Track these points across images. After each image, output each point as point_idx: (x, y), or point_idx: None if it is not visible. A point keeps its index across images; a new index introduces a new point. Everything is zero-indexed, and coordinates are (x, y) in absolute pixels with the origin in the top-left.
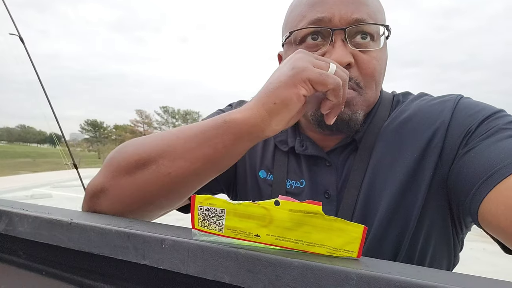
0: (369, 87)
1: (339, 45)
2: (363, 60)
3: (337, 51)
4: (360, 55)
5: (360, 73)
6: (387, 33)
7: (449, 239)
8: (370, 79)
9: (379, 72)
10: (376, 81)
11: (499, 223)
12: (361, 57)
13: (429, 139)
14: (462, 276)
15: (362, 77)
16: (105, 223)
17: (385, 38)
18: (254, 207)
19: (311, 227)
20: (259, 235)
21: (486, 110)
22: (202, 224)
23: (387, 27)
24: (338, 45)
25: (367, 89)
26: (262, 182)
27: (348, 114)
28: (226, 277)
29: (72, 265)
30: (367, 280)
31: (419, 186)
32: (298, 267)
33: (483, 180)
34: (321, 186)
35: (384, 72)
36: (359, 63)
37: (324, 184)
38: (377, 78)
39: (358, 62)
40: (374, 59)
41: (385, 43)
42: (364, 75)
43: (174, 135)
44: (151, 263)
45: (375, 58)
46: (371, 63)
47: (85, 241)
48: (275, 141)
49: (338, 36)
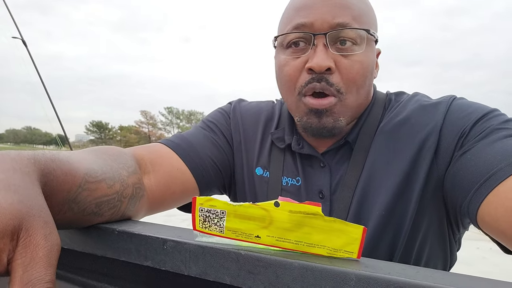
0: (350, 92)
1: (320, 50)
2: (345, 65)
3: (317, 55)
4: (341, 60)
5: (342, 78)
6: (373, 39)
7: (445, 240)
8: (352, 84)
9: (362, 75)
10: (358, 86)
11: (498, 225)
12: (342, 62)
13: (422, 142)
14: (461, 276)
15: (343, 82)
16: (107, 225)
17: (374, 41)
18: (254, 208)
19: (311, 228)
20: (259, 236)
21: (480, 110)
22: (203, 226)
23: (368, 31)
24: (319, 50)
25: (348, 94)
26: (258, 179)
27: (331, 123)
28: (227, 278)
29: (75, 266)
30: (366, 281)
31: (413, 188)
32: (298, 268)
33: (481, 183)
34: (316, 186)
35: (370, 75)
36: (340, 68)
37: (319, 184)
38: (360, 82)
39: (340, 67)
40: (356, 62)
41: (370, 45)
42: (345, 80)
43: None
44: (153, 264)
45: (358, 62)
46: (353, 68)
47: (88, 242)
48: (272, 137)
49: (320, 41)
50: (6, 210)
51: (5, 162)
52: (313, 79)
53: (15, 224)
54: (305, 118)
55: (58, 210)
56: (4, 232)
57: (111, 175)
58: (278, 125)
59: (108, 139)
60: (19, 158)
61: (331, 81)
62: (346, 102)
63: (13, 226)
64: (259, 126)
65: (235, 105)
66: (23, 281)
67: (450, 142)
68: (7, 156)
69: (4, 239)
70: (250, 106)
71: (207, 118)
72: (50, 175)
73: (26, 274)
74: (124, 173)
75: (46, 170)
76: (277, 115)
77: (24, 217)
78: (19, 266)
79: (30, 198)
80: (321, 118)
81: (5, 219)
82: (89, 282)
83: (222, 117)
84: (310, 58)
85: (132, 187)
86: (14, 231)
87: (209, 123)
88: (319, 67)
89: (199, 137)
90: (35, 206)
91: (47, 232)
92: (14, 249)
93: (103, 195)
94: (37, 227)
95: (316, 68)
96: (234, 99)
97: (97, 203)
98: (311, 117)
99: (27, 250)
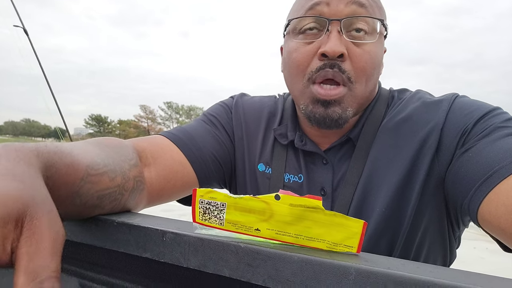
0: (359, 82)
1: (334, 35)
2: (356, 53)
3: (331, 41)
4: (353, 48)
5: (353, 66)
6: (384, 32)
7: (445, 237)
8: (362, 73)
9: (371, 66)
10: (367, 76)
11: (499, 224)
12: (354, 50)
13: (424, 139)
14: (460, 272)
15: (353, 70)
16: (106, 216)
17: (384, 37)
18: (255, 201)
19: (311, 222)
20: (259, 229)
21: (482, 108)
22: (203, 218)
23: (382, 21)
24: (333, 35)
25: (357, 83)
26: (260, 176)
27: (338, 113)
28: (226, 270)
29: (74, 257)
30: (366, 275)
31: (414, 186)
32: (297, 261)
33: (482, 181)
34: (318, 183)
35: (378, 68)
36: (351, 56)
37: (321, 181)
38: (369, 72)
39: (351, 55)
40: (367, 53)
41: (381, 38)
42: (356, 69)
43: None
44: (152, 256)
45: (369, 52)
46: (363, 56)
47: (87, 233)
48: (275, 134)
49: (334, 27)
50: (11, 196)
51: (9, 152)
52: (325, 65)
53: (19, 211)
54: (310, 107)
55: (61, 203)
56: (9, 218)
57: (113, 167)
58: (281, 121)
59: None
60: (23, 149)
61: (343, 67)
62: (355, 92)
63: (18, 213)
64: (262, 121)
65: (237, 100)
66: (29, 270)
67: (451, 140)
68: (12, 146)
69: (8, 225)
70: (253, 100)
71: (209, 111)
72: (52, 168)
73: (32, 263)
74: (125, 166)
75: (48, 163)
76: (280, 110)
77: (29, 205)
78: (24, 255)
79: (34, 187)
80: (327, 107)
81: (10, 203)
82: (87, 273)
83: (223, 111)
84: (324, 43)
85: (133, 180)
86: (19, 218)
87: (210, 117)
88: (333, 52)
89: (200, 130)
90: (39, 195)
91: (51, 221)
92: (18, 238)
93: (105, 188)
94: (42, 215)
95: (330, 53)
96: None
97: (99, 196)
98: (317, 106)
99: (32, 239)
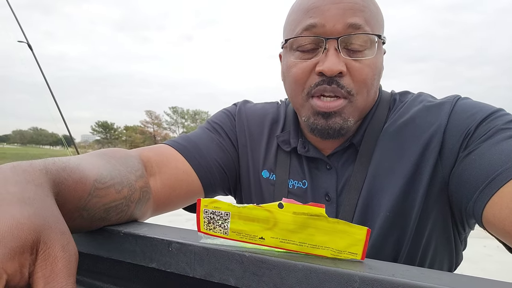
0: (361, 94)
1: (332, 54)
2: (356, 68)
3: (329, 59)
4: (352, 63)
5: (352, 80)
6: (382, 45)
7: (451, 239)
8: (363, 85)
9: (371, 78)
10: (369, 87)
11: (504, 226)
12: (353, 65)
13: (426, 143)
14: (465, 277)
15: (354, 84)
16: (113, 227)
17: (382, 43)
18: (259, 210)
19: (314, 230)
20: (263, 238)
21: (484, 110)
22: (207, 227)
23: (379, 36)
24: (330, 54)
25: (358, 95)
26: (265, 182)
27: (340, 123)
28: (232, 279)
29: (81, 267)
30: (370, 283)
31: (418, 189)
32: (302, 269)
33: (485, 184)
34: (322, 189)
35: (378, 77)
36: (351, 71)
37: (325, 187)
38: (370, 84)
39: (351, 70)
40: (367, 66)
41: (380, 48)
42: (356, 82)
43: None
44: (158, 266)
45: (368, 66)
46: (363, 70)
47: (94, 244)
48: (278, 140)
49: (331, 45)
50: (24, 225)
51: (17, 174)
52: (323, 81)
53: (33, 238)
54: (312, 119)
55: (69, 217)
56: (24, 247)
57: (120, 180)
58: (284, 128)
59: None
60: (31, 169)
61: (342, 83)
62: (356, 103)
63: (32, 241)
64: (265, 128)
65: (240, 107)
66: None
67: (454, 142)
68: (18, 167)
69: (24, 254)
70: (256, 108)
71: (212, 119)
72: (61, 185)
73: (48, 286)
74: (132, 177)
75: (57, 180)
76: (282, 117)
77: (42, 230)
78: (40, 278)
79: (45, 210)
80: (328, 119)
81: (24, 234)
82: (94, 283)
83: (227, 118)
84: (321, 61)
85: (139, 191)
86: (33, 245)
87: (214, 125)
88: (331, 71)
89: (205, 138)
90: (50, 217)
91: (64, 243)
92: (34, 263)
93: (111, 201)
94: (55, 238)
95: (328, 72)
96: (239, 100)
97: (106, 208)
98: (318, 118)
99: (46, 262)
